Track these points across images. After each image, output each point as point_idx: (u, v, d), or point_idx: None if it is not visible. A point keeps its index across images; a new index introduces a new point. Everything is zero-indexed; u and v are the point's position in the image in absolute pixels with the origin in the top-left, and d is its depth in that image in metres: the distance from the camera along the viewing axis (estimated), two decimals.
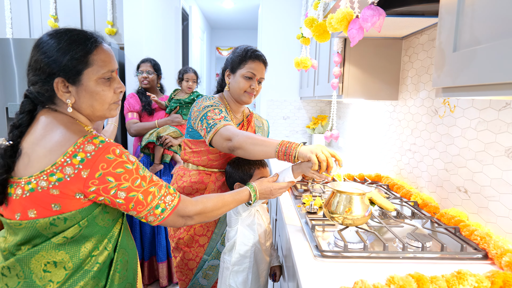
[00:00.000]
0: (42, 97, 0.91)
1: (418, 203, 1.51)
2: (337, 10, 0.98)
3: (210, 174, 1.52)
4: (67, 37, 0.88)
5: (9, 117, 3.00)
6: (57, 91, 0.88)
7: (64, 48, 0.87)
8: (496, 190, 1.16)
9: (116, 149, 0.86)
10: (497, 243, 1.02)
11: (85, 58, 0.88)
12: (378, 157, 2.22)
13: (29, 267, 0.86)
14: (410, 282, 0.83)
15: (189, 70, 2.58)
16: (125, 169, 0.86)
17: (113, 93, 0.95)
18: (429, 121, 1.61)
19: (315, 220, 1.33)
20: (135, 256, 1.08)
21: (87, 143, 0.83)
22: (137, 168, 0.89)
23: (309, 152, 1.13)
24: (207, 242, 1.52)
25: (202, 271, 1.53)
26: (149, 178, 0.92)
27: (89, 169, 0.82)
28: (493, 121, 1.19)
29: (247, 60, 1.49)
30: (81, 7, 3.23)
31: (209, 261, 1.53)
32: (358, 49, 1.87)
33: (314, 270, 0.97)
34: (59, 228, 0.85)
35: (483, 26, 0.68)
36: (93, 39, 0.91)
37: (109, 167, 0.84)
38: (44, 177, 0.81)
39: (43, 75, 0.87)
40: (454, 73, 0.77)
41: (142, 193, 0.89)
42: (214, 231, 1.53)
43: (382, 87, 1.92)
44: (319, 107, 3.64)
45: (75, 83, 0.89)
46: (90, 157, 0.82)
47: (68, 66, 0.87)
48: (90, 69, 0.89)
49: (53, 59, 0.86)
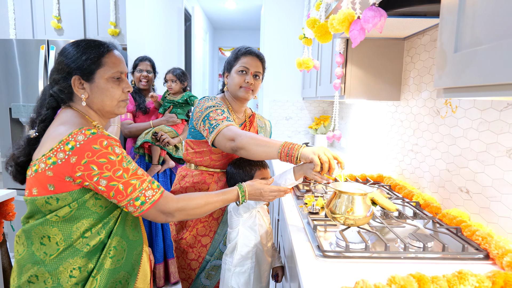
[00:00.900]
0: (62, 95, 1.06)
1: (420, 204, 1.51)
2: (338, 11, 0.99)
3: (213, 174, 1.52)
4: (84, 43, 1.06)
5: (12, 118, 3.02)
6: (73, 87, 1.04)
7: (82, 52, 1.04)
8: (497, 191, 1.17)
9: (104, 141, 0.96)
10: (499, 244, 1.03)
11: (98, 60, 1.04)
12: (380, 158, 2.22)
13: (30, 238, 0.99)
14: (411, 282, 0.84)
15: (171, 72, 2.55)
16: (108, 160, 0.95)
17: (121, 92, 1.09)
18: (431, 121, 1.61)
19: (317, 220, 1.33)
20: (138, 248, 1.13)
21: (80, 134, 0.94)
22: (121, 160, 0.97)
23: (311, 153, 1.14)
24: (210, 243, 1.52)
25: (205, 271, 1.53)
26: (132, 171, 0.99)
27: (76, 156, 0.93)
28: (494, 121, 1.19)
29: (240, 56, 1.51)
30: (84, 8, 3.25)
31: (211, 261, 1.53)
32: (360, 49, 1.87)
33: (316, 270, 0.97)
34: (52, 206, 0.97)
35: (484, 27, 0.69)
36: (106, 45, 1.08)
37: (93, 156, 0.93)
38: (44, 160, 0.95)
39: (64, 73, 1.04)
40: (456, 74, 0.77)
41: (123, 184, 0.97)
42: (216, 231, 1.53)
43: (384, 87, 1.92)
44: (322, 107, 3.64)
45: (89, 80, 1.04)
46: (79, 145, 0.93)
47: (84, 66, 1.03)
48: (102, 69, 1.05)
49: (72, 60, 1.04)
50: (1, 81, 2.97)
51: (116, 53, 1.09)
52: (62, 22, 3.30)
